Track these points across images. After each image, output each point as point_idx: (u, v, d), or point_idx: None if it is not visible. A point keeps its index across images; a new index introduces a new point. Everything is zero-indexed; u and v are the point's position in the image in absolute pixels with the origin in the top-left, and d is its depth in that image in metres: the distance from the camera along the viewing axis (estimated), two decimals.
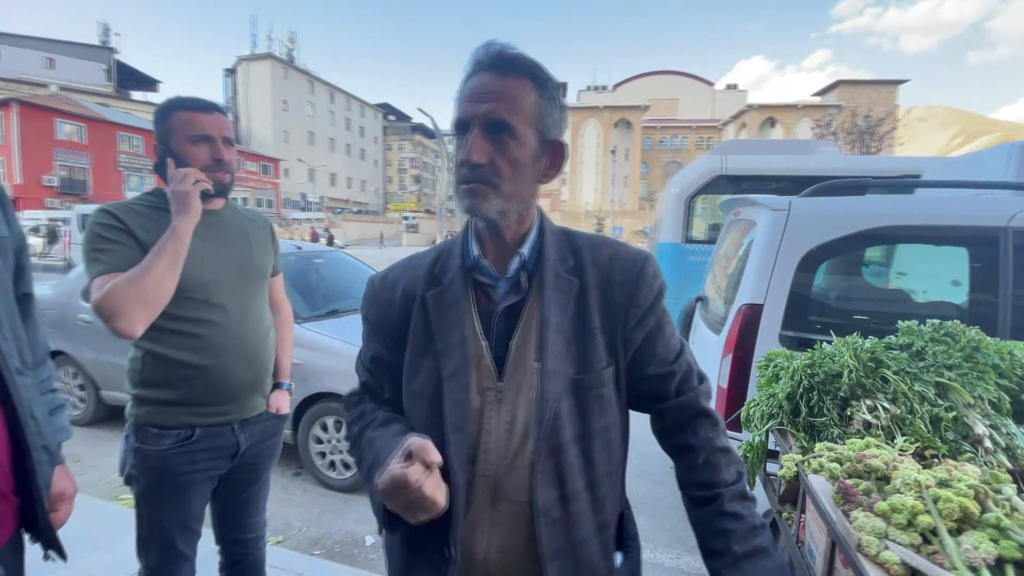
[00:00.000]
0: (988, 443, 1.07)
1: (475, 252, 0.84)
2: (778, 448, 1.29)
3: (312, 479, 3.44)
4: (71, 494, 1.07)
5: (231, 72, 59.46)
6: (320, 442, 3.37)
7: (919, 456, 1.05)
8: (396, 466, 0.67)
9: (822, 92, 62.24)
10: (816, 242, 2.19)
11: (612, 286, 0.83)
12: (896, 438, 1.07)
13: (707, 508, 0.82)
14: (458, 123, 0.78)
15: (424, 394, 0.82)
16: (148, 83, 57.53)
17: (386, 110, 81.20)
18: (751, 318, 2.22)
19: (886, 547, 0.74)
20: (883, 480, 0.91)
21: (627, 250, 0.87)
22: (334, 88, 67.43)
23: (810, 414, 1.24)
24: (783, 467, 1.10)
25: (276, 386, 1.65)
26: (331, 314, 3.72)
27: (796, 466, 1.05)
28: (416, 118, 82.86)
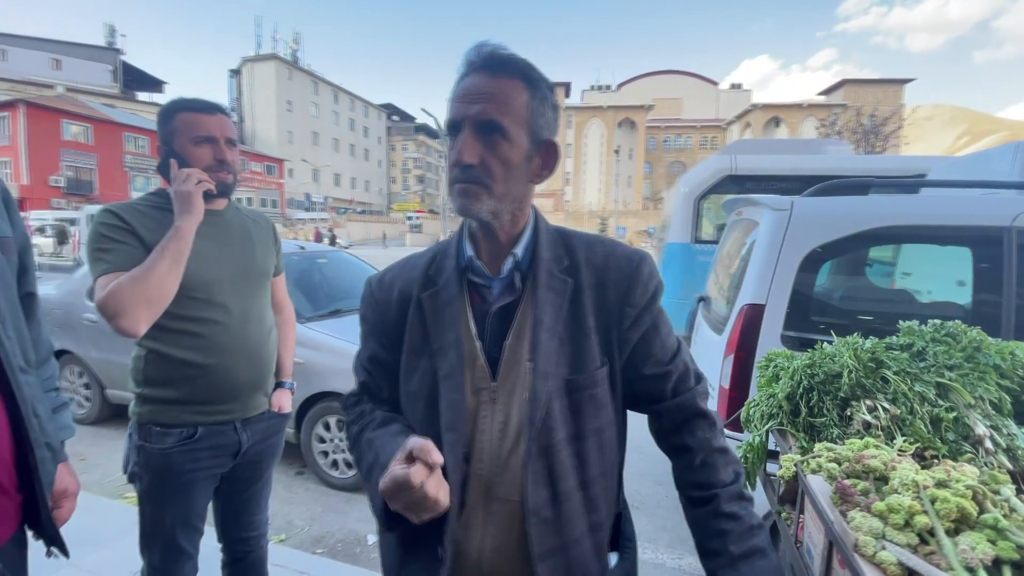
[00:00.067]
0: (989, 444, 1.06)
1: (469, 252, 0.84)
2: (778, 448, 1.29)
3: (315, 478, 3.46)
4: (74, 491, 1.07)
5: (236, 73, 59.75)
6: (323, 441, 3.39)
7: (919, 457, 1.05)
8: (398, 467, 0.67)
9: (827, 91, 62.01)
10: (818, 242, 2.18)
11: (607, 286, 0.83)
12: (896, 439, 1.07)
13: (704, 508, 0.82)
14: (450, 124, 0.78)
15: (420, 394, 0.82)
16: (153, 84, 57.91)
17: (390, 110, 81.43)
18: (753, 318, 2.22)
19: (883, 547, 0.74)
20: (881, 480, 0.90)
21: (623, 249, 0.87)
22: (338, 88, 67.65)
23: (810, 414, 1.23)
24: (782, 467, 1.09)
25: (278, 385, 1.66)
26: (334, 314, 3.73)
27: (795, 466, 1.05)
28: (420, 118, 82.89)
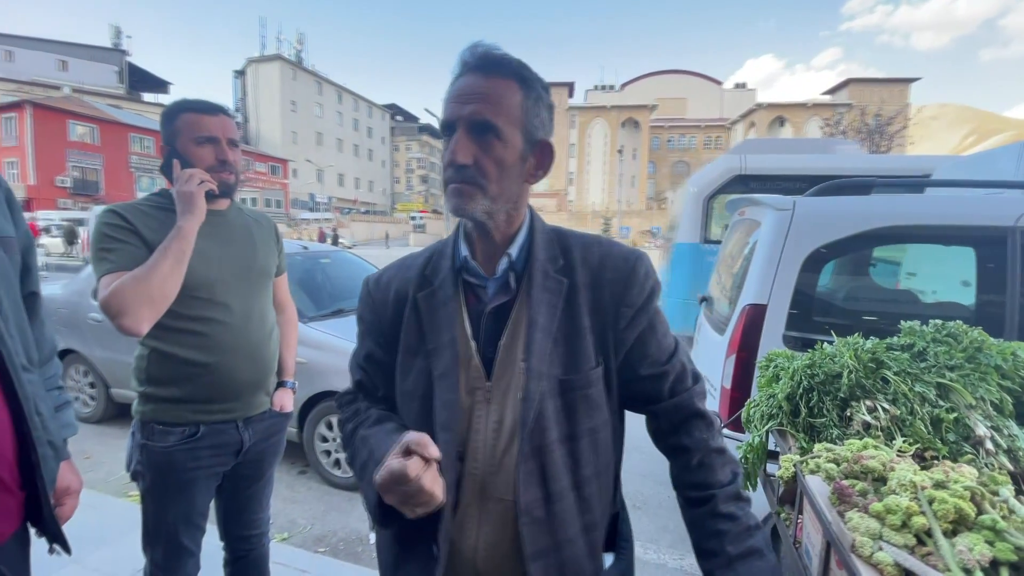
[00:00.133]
0: (989, 445, 1.05)
1: (464, 253, 0.84)
2: (778, 449, 1.28)
3: (317, 477, 3.47)
4: (76, 489, 1.08)
5: (240, 73, 59.99)
6: (325, 440, 3.40)
7: (920, 458, 1.05)
8: (394, 460, 0.67)
9: (832, 91, 61.73)
10: (820, 242, 2.17)
11: (603, 285, 0.83)
12: (895, 439, 1.07)
13: (701, 509, 0.82)
14: (444, 124, 0.78)
15: (415, 393, 0.82)
16: (159, 85, 58.25)
17: (393, 111, 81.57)
18: (755, 318, 2.21)
19: (880, 548, 0.74)
20: (880, 481, 0.90)
21: (619, 249, 0.86)
22: (342, 89, 67.79)
23: (810, 415, 1.23)
24: (781, 468, 1.09)
25: (280, 384, 1.66)
26: (336, 313, 3.74)
27: (794, 467, 1.05)
28: (423, 119, 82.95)
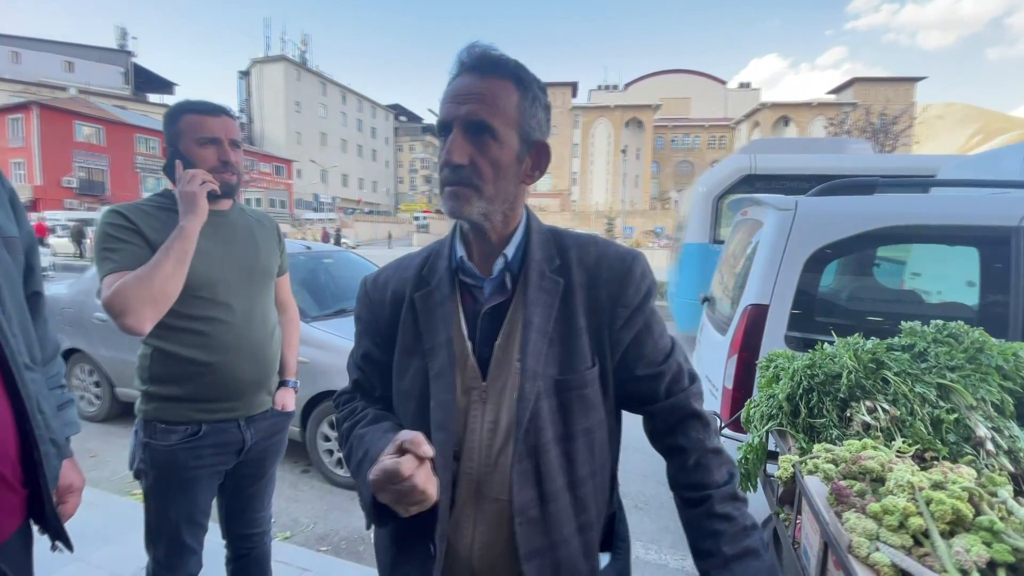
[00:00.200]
0: (990, 446, 1.05)
1: (460, 253, 0.84)
2: (778, 450, 1.28)
3: (320, 476, 3.48)
4: (79, 487, 1.09)
5: (245, 74, 60.23)
6: (328, 439, 3.41)
7: (920, 459, 1.04)
8: (388, 459, 0.68)
9: (837, 90, 61.42)
10: (823, 242, 2.17)
11: (599, 286, 0.83)
12: (895, 440, 1.06)
13: (698, 509, 0.82)
14: (440, 125, 0.78)
15: (412, 393, 0.83)
16: (164, 86, 58.55)
17: (397, 111, 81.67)
18: (756, 319, 2.21)
19: (876, 549, 0.74)
20: (879, 482, 0.90)
21: (615, 249, 0.86)
22: (346, 89, 67.95)
23: (809, 415, 1.23)
24: (780, 468, 1.09)
25: (282, 384, 1.67)
26: (339, 313, 3.76)
27: (793, 467, 1.05)
28: (427, 119, 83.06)
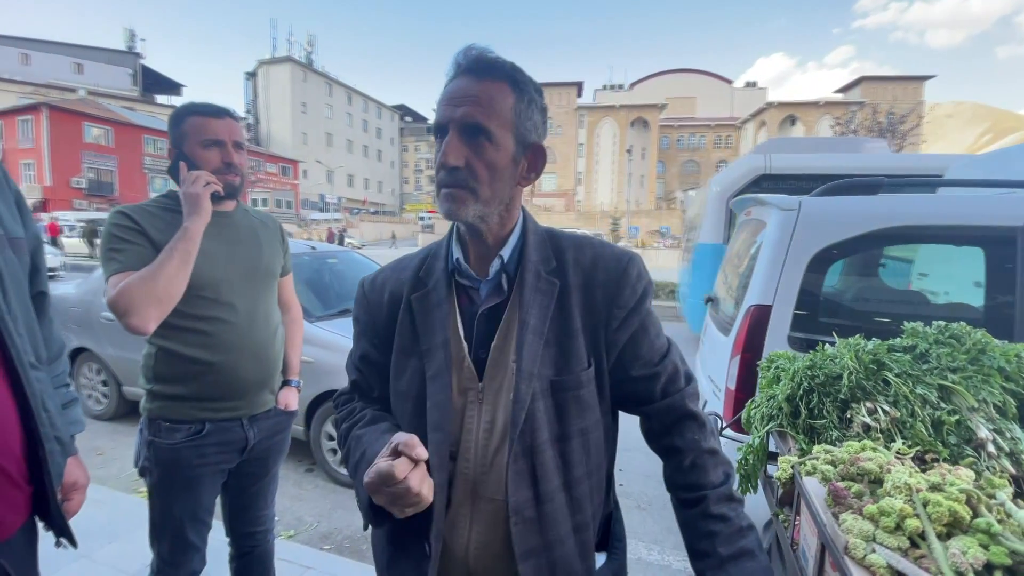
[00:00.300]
0: (991, 448, 1.04)
1: (456, 255, 0.85)
2: (778, 451, 1.28)
3: (324, 475, 3.50)
4: (83, 484, 1.11)
5: (251, 75, 60.59)
6: (332, 439, 3.42)
7: (920, 460, 1.04)
8: (382, 461, 0.69)
9: (845, 89, 60.99)
10: (826, 242, 2.16)
11: (594, 287, 0.83)
12: (895, 441, 1.06)
13: (693, 510, 0.83)
14: (436, 127, 0.79)
15: (409, 394, 0.83)
16: (172, 87, 59.07)
17: (402, 111, 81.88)
18: (759, 319, 2.20)
19: (873, 550, 0.74)
20: (877, 483, 0.89)
21: (611, 250, 0.87)
22: (352, 90, 68.23)
23: (810, 416, 1.23)
24: (779, 469, 1.09)
25: (285, 383, 1.69)
26: (343, 313, 3.76)
27: (792, 468, 1.05)
28: (432, 119, 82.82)
